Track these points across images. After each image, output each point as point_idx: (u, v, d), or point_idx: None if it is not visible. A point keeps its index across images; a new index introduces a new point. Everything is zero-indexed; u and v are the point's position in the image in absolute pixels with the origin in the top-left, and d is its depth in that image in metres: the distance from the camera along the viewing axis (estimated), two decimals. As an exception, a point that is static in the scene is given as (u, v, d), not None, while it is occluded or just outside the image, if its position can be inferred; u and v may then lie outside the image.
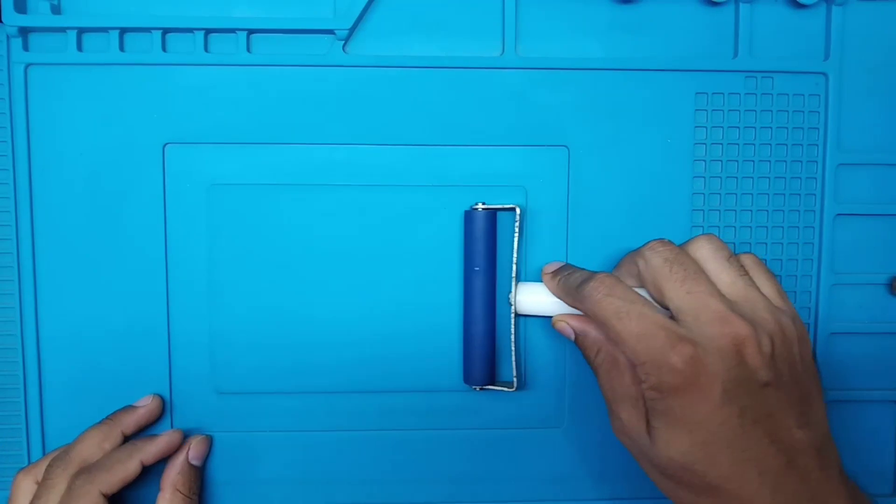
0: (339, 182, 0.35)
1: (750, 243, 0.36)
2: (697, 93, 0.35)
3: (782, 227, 0.36)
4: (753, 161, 0.36)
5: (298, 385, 0.35)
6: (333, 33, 0.34)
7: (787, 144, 0.36)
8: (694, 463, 0.27)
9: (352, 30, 0.34)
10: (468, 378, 0.35)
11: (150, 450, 0.33)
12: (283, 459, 0.36)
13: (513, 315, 0.34)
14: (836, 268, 0.36)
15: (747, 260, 0.31)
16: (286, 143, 0.34)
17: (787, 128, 0.36)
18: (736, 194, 0.36)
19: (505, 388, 0.35)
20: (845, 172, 0.36)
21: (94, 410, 0.34)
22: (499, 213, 0.35)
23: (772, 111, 0.35)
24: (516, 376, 0.35)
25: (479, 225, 0.34)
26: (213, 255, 0.35)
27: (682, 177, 0.35)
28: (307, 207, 0.35)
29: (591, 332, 0.31)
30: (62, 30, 0.34)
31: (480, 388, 0.35)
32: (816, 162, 0.36)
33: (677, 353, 0.27)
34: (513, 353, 0.34)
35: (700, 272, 0.29)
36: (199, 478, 0.35)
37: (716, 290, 0.29)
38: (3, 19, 0.33)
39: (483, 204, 0.34)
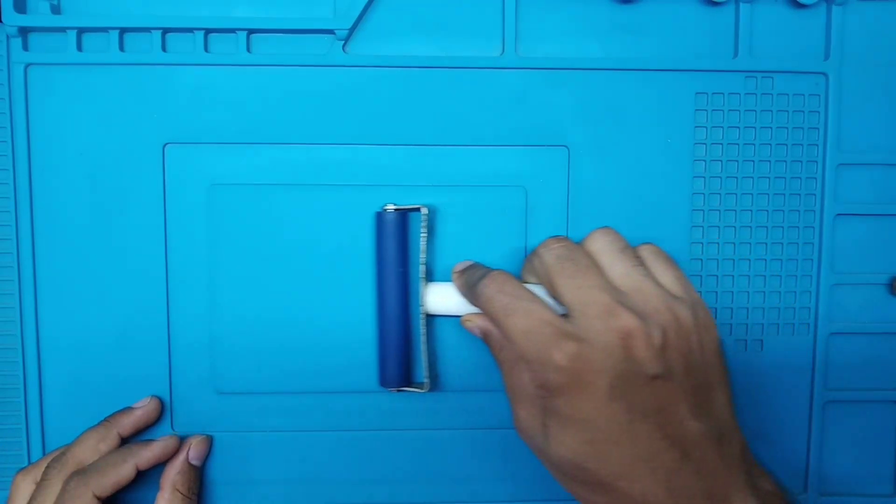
0: (340, 182, 0.35)
1: (750, 243, 0.36)
2: (697, 93, 0.35)
3: (782, 227, 0.36)
4: (753, 161, 0.36)
5: (298, 385, 0.35)
6: (333, 33, 0.34)
7: (787, 144, 0.36)
8: (585, 461, 0.27)
9: (352, 30, 0.34)
10: (383, 380, 0.34)
11: (145, 454, 0.33)
12: (283, 460, 0.36)
13: (423, 315, 0.34)
14: (837, 268, 0.36)
15: (645, 250, 0.31)
16: (286, 143, 0.34)
17: (787, 128, 0.36)
18: (736, 194, 0.36)
19: (417, 390, 0.34)
20: (845, 172, 0.36)
21: (94, 411, 0.34)
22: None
23: (772, 111, 0.35)
24: (428, 377, 0.34)
25: (391, 226, 0.34)
26: (213, 255, 0.35)
27: (682, 177, 0.35)
28: (307, 207, 0.35)
29: (495, 330, 0.31)
30: (62, 30, 0.34)
31: (396, 390, 0.34)
32: (816, 162, 0.36)
33: (560, 351, 0.27)
34: (424, 354, 0.34)
35: (591, 266, 0.29)
36: (199, 478, 0.35)
37: (606, 284, 0.28)
38: (2, 19, 0.33)
39: (393, 205, 0.34)
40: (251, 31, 0.34)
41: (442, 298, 0.33)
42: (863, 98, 0.36)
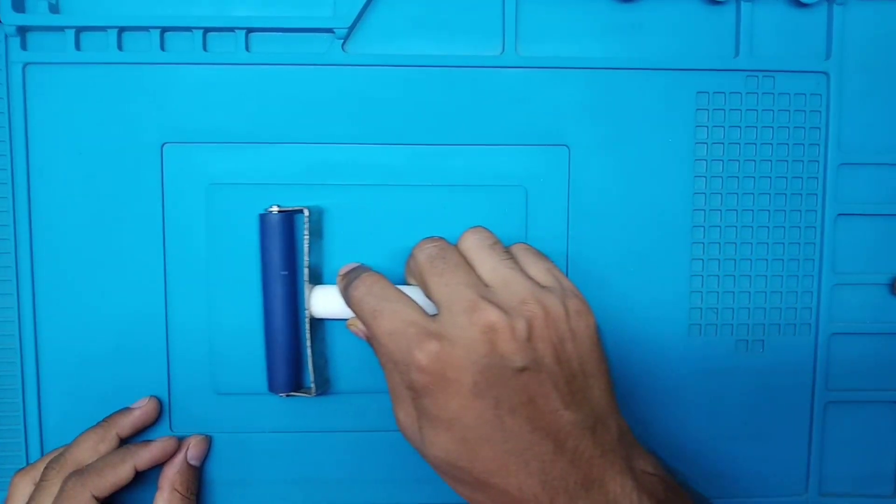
0: (339, 182, 0.35)
1: (751, 243, 0.36)
2: (698, 92, 0.35)
3: (784, 227, 0.36)
4: (755, 161, 0.35)
5: (297, 385, 0.35)
6: (332, 32, 0.34)
7: (788, 144, 0.36)
8: (458, 460, 0.27)
9: (351, 29, 0.34)
10: (271, 385, 0.34)
11: (143, 455, 0.33)
12: (282, 460, 0.35)
13: (307, 319, 0.33)
14: (838, 268, 0.36)
15: (517, 247, 0.31)
16: (285, 143, 0.34)
17: (788, 127, 0.35)
18: (737, 194, 0.36)
19: (304, 395, 0.34)
20: (847, 172, 0.36)
21: (93, 411, 0.34)
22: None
23: (773, 111, 0.35)
24: (314, 382, 0.34)
25: (276, 229, 0.33)
26: (212, 254, 0.34)
27: (683, 176, 0.35)
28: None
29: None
30: (60, 29, 0.33)
31: (285, 395, 0.34)
32: (818, 161, 0.36)
33: (422, 350, 0.27)
34: (309, 357, 0.33)
35: (460, 264, 0.29)
36: (198, 478, 0.35)
37: (473, 280, 0.28)
38: (1, 18, 0.33)
39: (277, 206, 0.33)
40: (250, 31, 0.34)
41: (326, 302, 0.33)
42: (864, 97, 0.36)
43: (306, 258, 0.33)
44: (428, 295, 0.29)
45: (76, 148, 0.34)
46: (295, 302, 0.33)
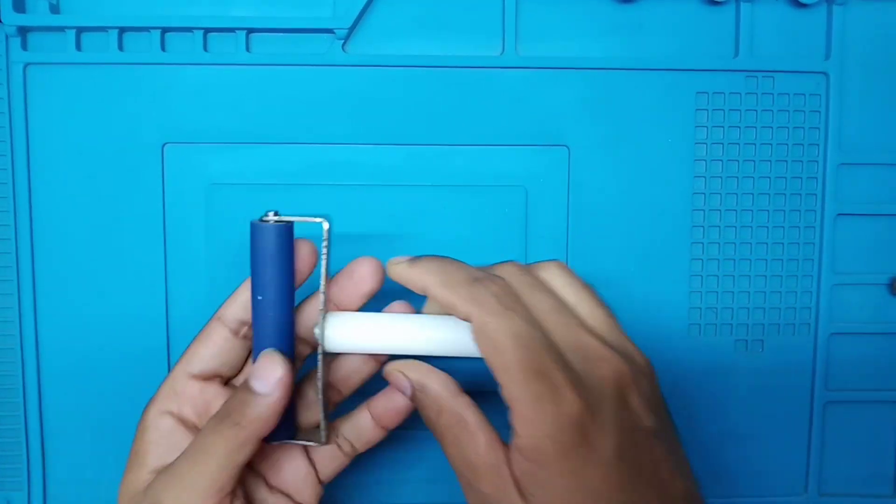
0: (339, 182, 0.35)
1: (751, 243, 0.36)
2: (698, 92, 0.35)
3: (783, 227, 0.36)
4: (754, 161, 0.35)
5: (298, 385, 0.35)
6: (333, 32, 0.34)
7: (787, 144, 0.36)
8: None
9: (351, 29, 0.34)
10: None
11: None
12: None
13: (320, 353, 0.27)
14: (837, 268, 0.36)
15: (573, 291, 0.27)
16: (285, 143, 0.34)
17: (787, 127, 0.35)
18: (737, 194, 0.36)
19: (313, 443, 0.28)
20: (846, 172, 0.36)
21: (93, 411, 0.34)
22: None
23: (772, 111, 0.35)
24: (324, 429, 0.27)
25: (270, 243, 0.26)
26: (212, 255, 0.34)
27: (683, 177, 0.35)
28: (306, 207, 0.34)
29: (433, 386, 0.25)
30: (61, 29, 0.33)
31: (279, 444, 0.28)
32: (817, 162, 0.36)
33: (568, 403, 0.22)
34: (320, 400, 0.27)
35: (563, 303, 0.25)
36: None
37: (583, 323, 0.25)
38: (1, 19, 0.33)
39: (275, 213, 0.26)
40: (250, 31, 0.34)
41: (349, 330, 0.27)
42: (864, 97, 0.36)
43: (324, 281, 0.27)
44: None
45: (77, 148, 0.34)
46: (290, 331, 0.27)
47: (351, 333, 0.27)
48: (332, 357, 0.29)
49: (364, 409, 0.28)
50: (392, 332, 0.27)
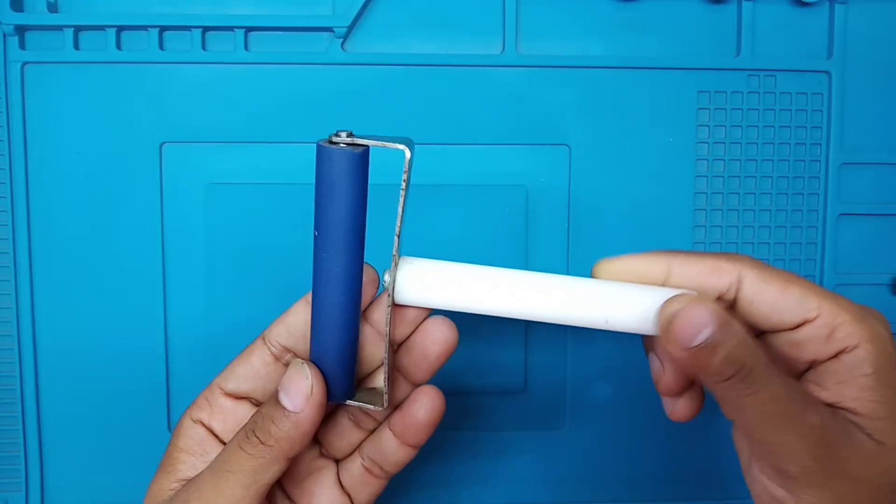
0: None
1: (752, 243, 0.36)
2: (700, 91, 0.35)
3: (785, 227, 0.36)
4: (756, 160, 0.35)
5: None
6: (332, 31, 0.34)
7: (789, 143, 0.35)
8: None
9: (350, 27, 0.34)
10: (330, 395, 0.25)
11: None
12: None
13: (388, 305, 0.24)
14: (840, 268, 0.36)
15: None
16: (284, 142, 0.34)
17: (789, 127, 0.35)
18: (739, 194, 0.35)
19: (370, 407, 0.25)
20: (848, 172, 0.36)
21: (92, 411, 0.34)
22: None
23: (774, 110, 0.35)
24: (387, 392, 0.25)
25: (339, 172, 0.22)
26: (211, 254, 0.34)
27: (685, 176, 0.35)
28: (305, 207, 0.34)
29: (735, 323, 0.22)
30: (59, 28, 0.33)
31: (333, 405, 0.26)
32: (819, 161, 0.36)
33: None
34: (386, 359, 0.25)
35: None
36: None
37: None
38: (-1, 17, 0.33)
39: (349, 134, 0.22)
40: (249, 29, 0.34)
41: (428, 282, 0.24)
42: (866, 97, 0.36)
43: (399, 221, 0.23)
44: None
45: (75, 147, 0.34)
46: (356, 279, 0.24)
47: (430, 283, 0.24)
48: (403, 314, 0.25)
49: (385, 427, 0.27)
50: (489, 281, 0.23)
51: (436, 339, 0.25)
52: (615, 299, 0.24)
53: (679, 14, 0.35)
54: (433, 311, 0.25)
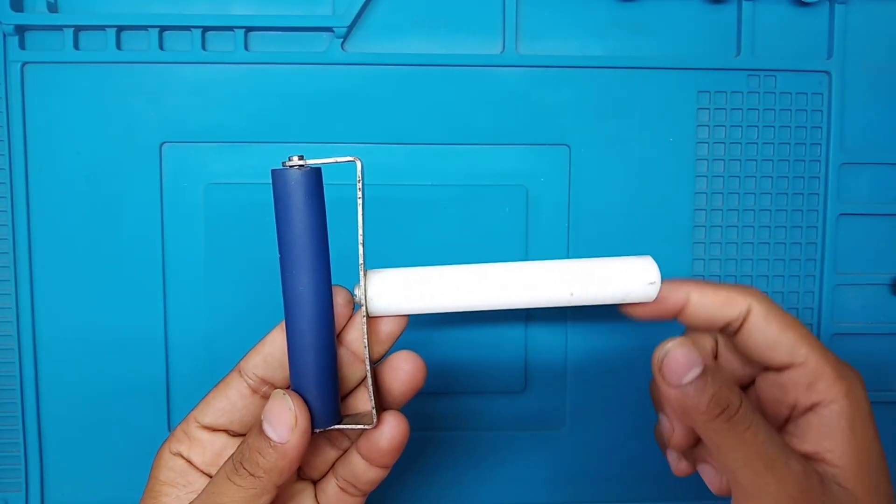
0: (338, 181, 0.34)
1: (752, 243, 0.36)
2: (700, 91, 0.35)
3: (785, 227, 0.36)
4: (756, 160, 0.35)
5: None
6: (332, 31, 0.34)
7: (789, 143, 0.35)
8: None
9: (350, 28, 0.34)
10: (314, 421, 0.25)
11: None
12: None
13: (363, 317, 0.24)
14: (840, 268, 0.36)
15: None
16: (284, 142, 0.34)
17: (789, 127, 0.35)
18: (739, 194, 0.35)
19: (361, 426, 0.25)
20: (848, 172, 0.36)
21: (92, 412, 0.34)
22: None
23: (774, 110, 0.35)
24: (374, 407, 0.25)
25: (295, 193, 0.22)
26: (211, 254, 0.34)
27: (685, 176, 0.35)
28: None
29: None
30: (59, 28, 0.33)
31: (320, 431, 0.25)
32: (819, 161, 0.36)
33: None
34: (368, 375, 0.24)
35: None
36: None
37: None
38: (-1, 17, 0.33)
39: (300, 157, 0.23)
40: (249, 29, 0.34)
41: (399, 291, 0.24)
42: (866, 97, 0.36)
43: (361, 231, 0.24)
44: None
45: (75, 147, 0.34)
46: (326, 296, 0.24)
47: (400, 291, 0.24)
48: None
49: (353, 450, 0.26)
50: (456, 278, 0.24)
51: (398, 377, 0.26)
52: (576, 273, 0.25)
53: (679, 14, 0.35)
54: (409, 320, 0.26)
